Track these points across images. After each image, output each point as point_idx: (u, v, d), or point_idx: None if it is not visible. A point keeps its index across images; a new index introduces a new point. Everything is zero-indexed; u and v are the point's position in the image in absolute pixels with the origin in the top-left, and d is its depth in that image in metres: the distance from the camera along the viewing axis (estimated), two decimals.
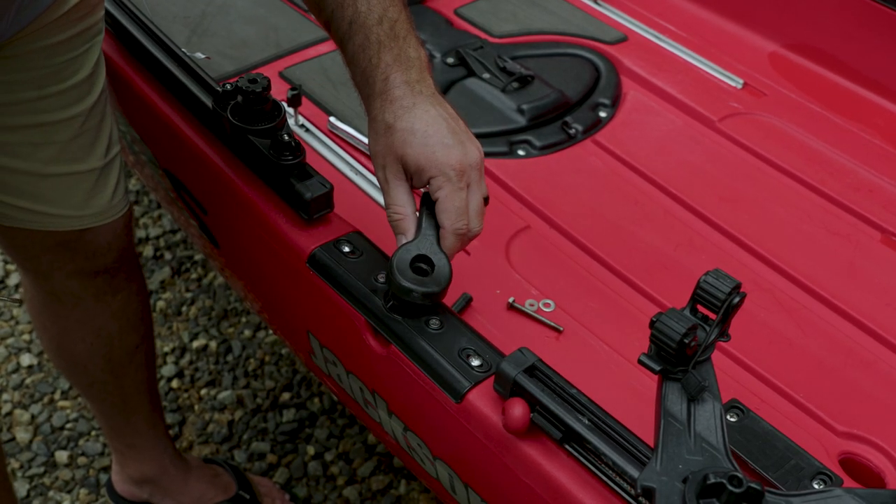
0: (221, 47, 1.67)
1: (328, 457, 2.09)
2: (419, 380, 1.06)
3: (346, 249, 1.17)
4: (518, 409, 0.96)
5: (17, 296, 2.42)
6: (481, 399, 1.02)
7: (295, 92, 1.44)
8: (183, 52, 1.36)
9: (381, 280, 1.13)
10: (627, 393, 1.17)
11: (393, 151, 1.10)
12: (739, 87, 1.72)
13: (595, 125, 1.63)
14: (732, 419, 1.08)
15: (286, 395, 2.20)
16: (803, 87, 1.74)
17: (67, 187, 1.38)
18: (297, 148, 1.18)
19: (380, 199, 1.41)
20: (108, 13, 1.49)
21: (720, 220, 1.46)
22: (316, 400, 2.19)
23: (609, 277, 1.37)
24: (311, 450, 2.11)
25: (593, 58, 1.76)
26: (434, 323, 1.08)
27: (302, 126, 1.52)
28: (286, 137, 1.18)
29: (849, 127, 1.66)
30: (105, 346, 1.64)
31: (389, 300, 1.10)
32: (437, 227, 1.11)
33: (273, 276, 1.33)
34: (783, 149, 1.60)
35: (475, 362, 1.05)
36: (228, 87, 1.20)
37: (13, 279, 2.44)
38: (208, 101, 1.28)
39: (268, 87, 1.17)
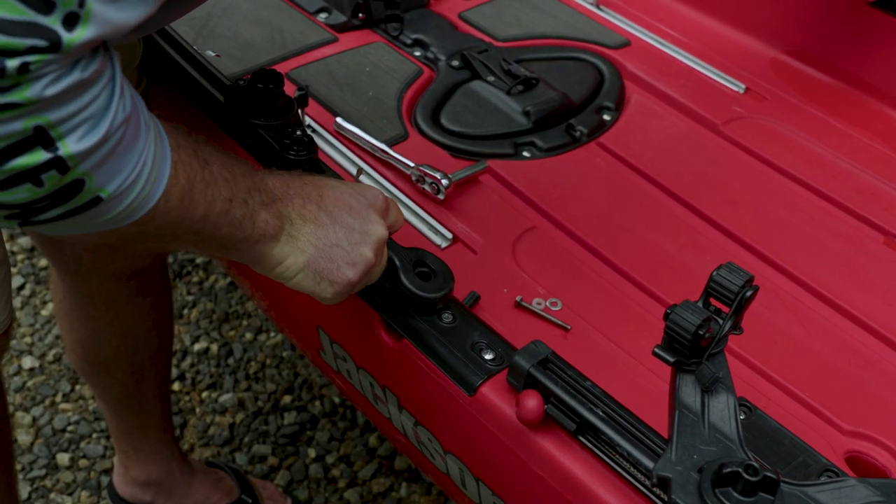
0: (227, 48, 1.68)
1: (329, 459, 2.10)
2: (432, 373, 1.07)
3: None
4: (532, 400, 0.97)
5: None
6: (494, 392, 1.03)
7: (302, 92, 1.45)
8: (194, 49, 1.37)
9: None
10: (635, 390, 1.17)
11: None
12: (742, 91, 1.74)
13: (599, 128, 1.64)
14: (740, 417, 1.09)
15: (287, 398, 2.21)
16: (804, 92, 1.76)
17: None
18: (310, 144, 1.19)
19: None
20: None
21: (724, 221, 1.47)
22: (317, 403, 2.19)
23: (615, 277, 1.37)
24: (312, 452, 2.11)
25: (597, 62, 1.77)
26: (446, 317, 1.09)
27: (308, 126, 1.53)
28: (298, 133, 1.19)
29: (850, 131, 1.67)
30: (130, 349, 1.66)
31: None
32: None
33: None
34: (785, 152, 1.61)
35: (488, 356, 1.06)
36: (242, 82, 1.21)
37: (15, 282, 2.44)
38: (220, 97, 1.29)
39: (281, 83, 1.18)
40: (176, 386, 2.23)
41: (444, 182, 1.41)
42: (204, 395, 2.22)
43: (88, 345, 1.67)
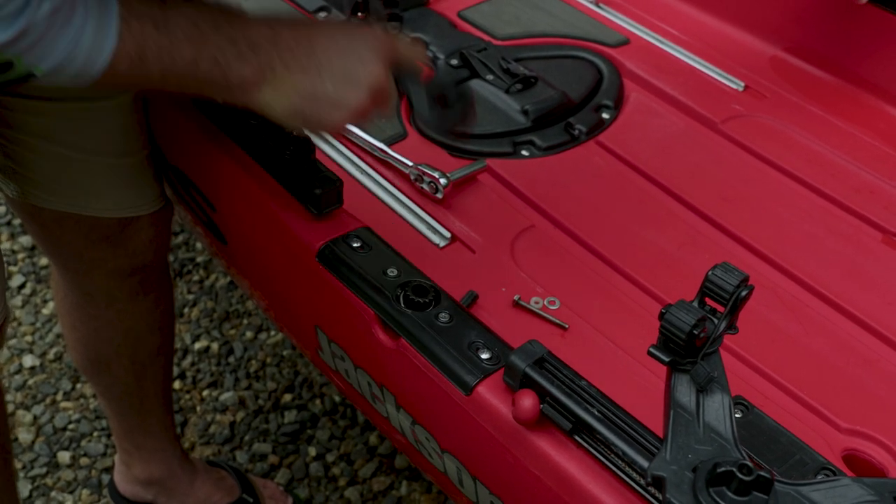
0: None
1: (330, 458, 2.10)
2: (428, 373, 1.07)
3: (356, 244, 1.19)
4: (528, 399, 0.97)
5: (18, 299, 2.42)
6: (491, 391, 1.03)
7: None
8: None
9: (392, 274, 1.14)
10: (632, 389, 1.17)
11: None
12: (741, 89, 1.74)
13: (598, 126, 1.64)
14: (737, 415, 1.08)
15: (288, 397, 2.21)
16: (804, 90, 1.75)
17: (114, 174, 1.42)
18: (307, 143, 1.19)
19: (386, 198, 1.42)
20: None
21: (723, 220, 1.47)
22: (317, 401, 2.20)
23: (613, 276, 1.37)
24: (312, 451, 2.11)
25: (596, 60, 1.77)
26: (443, 316, 1.10)
27: None
28: (295, 133, 1.19)
29: (849, 129, 1.67)
30: (131, 347, 1.66)
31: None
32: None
33: (282, 272, 1.34)
34: (785, 150, 1.61)
35: (484, 355, 1.06)
36: None
37: (16, 281, 2.45)
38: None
39: None
40: (176, 384, 2.23)
41: (443, 181, 1.41)
42: (205, 393, 2.22)
43: (90, 343, 1.68)
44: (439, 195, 1.42)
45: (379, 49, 1.08)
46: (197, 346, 2.31)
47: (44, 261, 2.49)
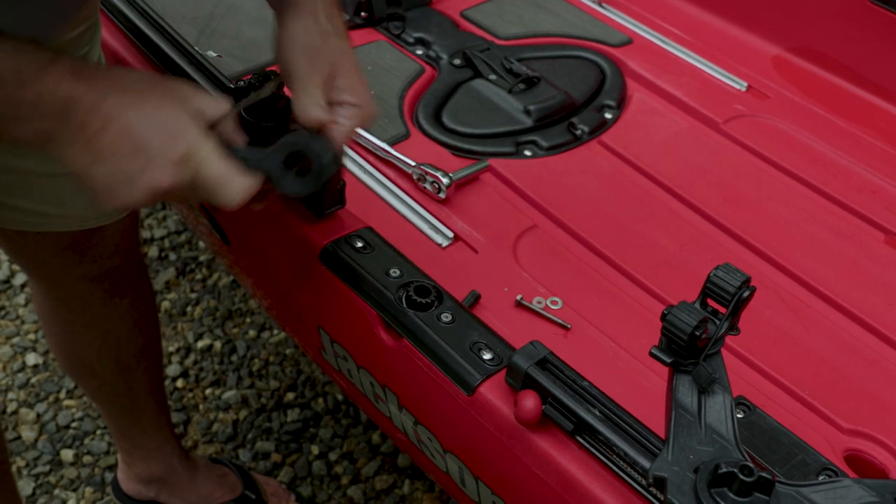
0: (230, 48, 1.68)
1: (332, 456, 2.10)
2: (431, 373, 1.07)
3: (359, 245, 1.19)
4: (530, 400, 0.97)
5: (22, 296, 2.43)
6: (493, 392, 1.03)
7: None
8: (195, 49, 1.37)
9: (394, 274, 1.15)
10: (635, 389, 1.18)
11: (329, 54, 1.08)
12: (743, 89, 1.74)
13: (601, 126, 1.64)
14: (739, 415, 1.09)
15: (290, 395, 2.21)
16: (806, 90, 1.76)
17: (75, 186, 1.39)
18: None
19: (389, 198, 1.42)
20: (119, 11, 1.50)
21: (725, 220, 1.47)
22: (320, 400, 2.20)
23: (615, 276, 1.38)
24: (315, 449, 2.12)
25: (598, 60, 1.77)
26: (445, 317, 1.10)
27: None
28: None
29: (851, 129, 1.67)
30: (113, 350, 1.65)
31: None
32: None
33: (285, 272, 1.34)
34: (787, 151, 1.61)
35: (486, 356, 1.06)
36: (242, 83, 1.22)
37: (19, 279, 2.45)
38: None
39: (281, 84, 1.18)
40: (179, 383, 2.23)
41: (445, 181, 1.41)
42: (207, 392, 2.22)
43: (70, 347, 1.66)
44: (442, 195, 1.42)
45: (188, 115, 0.95)
46: (200, 344, 2.31)
47: None
